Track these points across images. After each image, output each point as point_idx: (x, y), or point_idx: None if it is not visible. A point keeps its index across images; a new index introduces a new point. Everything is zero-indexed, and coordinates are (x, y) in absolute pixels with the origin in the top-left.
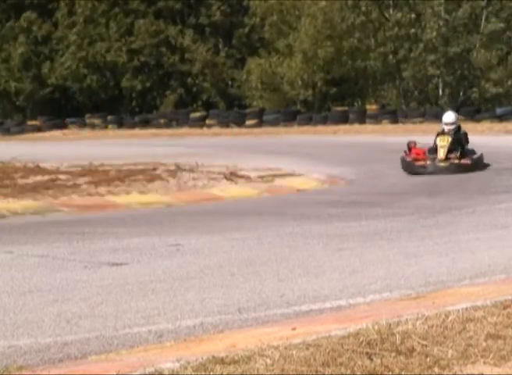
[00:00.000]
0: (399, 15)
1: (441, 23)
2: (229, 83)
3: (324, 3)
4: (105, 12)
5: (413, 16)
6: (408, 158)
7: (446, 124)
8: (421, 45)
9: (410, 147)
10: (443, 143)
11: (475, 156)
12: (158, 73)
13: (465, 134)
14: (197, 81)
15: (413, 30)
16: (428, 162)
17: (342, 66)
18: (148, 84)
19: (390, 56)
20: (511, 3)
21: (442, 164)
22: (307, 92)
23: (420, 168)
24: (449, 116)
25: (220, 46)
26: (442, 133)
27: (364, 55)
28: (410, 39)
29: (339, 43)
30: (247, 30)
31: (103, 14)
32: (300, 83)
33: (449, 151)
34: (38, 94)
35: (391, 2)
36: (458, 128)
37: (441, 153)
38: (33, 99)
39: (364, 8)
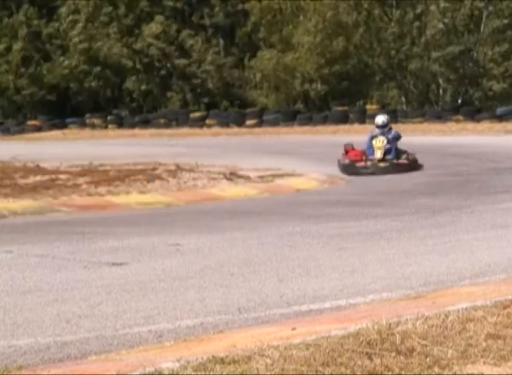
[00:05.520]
0: (399, 13)
1: (446, 20)
2: (232, 83)
3: (330, 1)
4: (108, 12)
5: (417, 11)
6: (347, 160)
7: (378, 127)
8: (423, 40)
9: (347, 149)
10: (379, 144)
11: (412, 156)
12: (160, 73)
13: (398, 135)
14: (200, 81)
15: (417, 23)
16: (369, 163)
17: (348, 61)
18: (151, 85)
19: (393, 52)
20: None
21: (381, 164)
22: (321, 87)
23: (361, 169)
24: (380, 119)
25: (221, 46)
26: (375, 135)
27: (368, 52)
28: (411, 35)
29: (346, 39)
30: (249, 29)
31: (105, 15)
32: (313, 75)
33: (386, 152)
34: (37, 94)
35: (394, 2)
36: (389, 129)
37: (378, 154)
38: (32, 99)
39: (366, 6)
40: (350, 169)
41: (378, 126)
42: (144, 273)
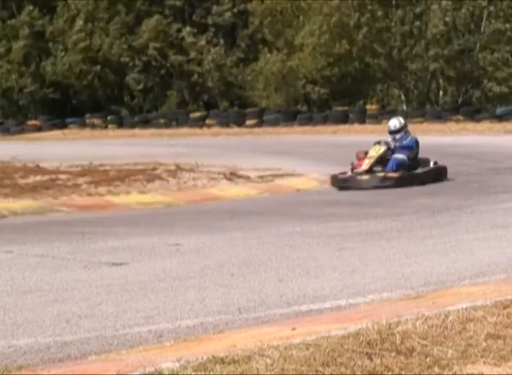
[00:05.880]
0: (401, 12)
1: (447, 19)
2: (232, 83)
3: (336, 2)
4: (107, 9)
5: (417, 11)
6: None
7: (390, 132)
8: (423, 42)
9: (360, 157)
10: (373, 153)
11: (423, 169)
12: (160, 72)
13: (414, 143)
14: (200, 80)
15: (417, 23)
16: (350, 175)
17: (351, 62)
18: (151, 83)
19: (394, 52)
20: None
21: (363, 177)
22: (323, 90)
23: (342, 182)
24: (392, 123)
25: (221, 45)
26: (378, 142)
27: (370, 52)
28: (413, 35)
29: (349, 41)
30: (250, 31)
31: (105, 11)
32: (315, 76)
33: (381, 162)
34: (39, 92)
35: (394, 2)
36: (405, 135)
37: (364, 164)
38: (33, 98)
39: (370, 7)
40: (333, 181)
41: (389, 132)
42: (144, 273)
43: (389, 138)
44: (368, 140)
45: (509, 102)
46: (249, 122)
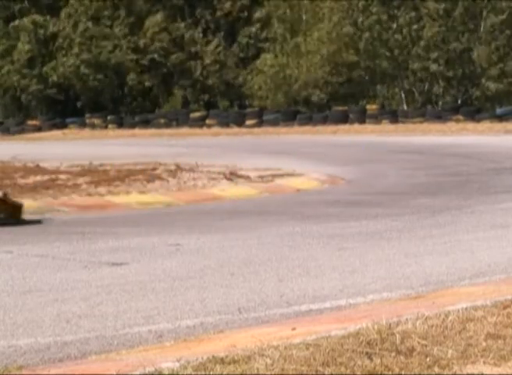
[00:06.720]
0: (403, 17)
1: (439, 20)
2: (233, 82)
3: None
4: (110, 15)
5: (413, 14)
6: None
7: None
8: (422, 43)
9: None
10: None
11: None
12: (162, 71)
13: None
14: (201, 78)
15: (415, 27)
16: None
17: (355, 68)
18: (153, 82)
19: (396, 54)
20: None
21: None
22: (326, 90)
23: None
24: None
25: (222, 45)
26: None
27: (373, 54)
28: (411, 36)
29: (355, 50)
30: (253, 29)
31: (108, 17)
32: (319, 81)
33: None
34: (43, 93)
35: (395, 3)
36: None
37: None
38: (36, 97)
39: (375, 9)
40: None
41: None
42: (143, 273)
43: None
44: (369, 140)
45: (508, 102)
46: (249, 122)
